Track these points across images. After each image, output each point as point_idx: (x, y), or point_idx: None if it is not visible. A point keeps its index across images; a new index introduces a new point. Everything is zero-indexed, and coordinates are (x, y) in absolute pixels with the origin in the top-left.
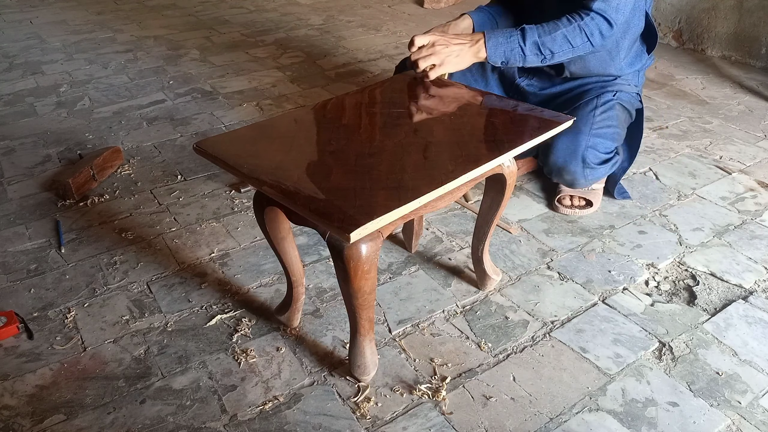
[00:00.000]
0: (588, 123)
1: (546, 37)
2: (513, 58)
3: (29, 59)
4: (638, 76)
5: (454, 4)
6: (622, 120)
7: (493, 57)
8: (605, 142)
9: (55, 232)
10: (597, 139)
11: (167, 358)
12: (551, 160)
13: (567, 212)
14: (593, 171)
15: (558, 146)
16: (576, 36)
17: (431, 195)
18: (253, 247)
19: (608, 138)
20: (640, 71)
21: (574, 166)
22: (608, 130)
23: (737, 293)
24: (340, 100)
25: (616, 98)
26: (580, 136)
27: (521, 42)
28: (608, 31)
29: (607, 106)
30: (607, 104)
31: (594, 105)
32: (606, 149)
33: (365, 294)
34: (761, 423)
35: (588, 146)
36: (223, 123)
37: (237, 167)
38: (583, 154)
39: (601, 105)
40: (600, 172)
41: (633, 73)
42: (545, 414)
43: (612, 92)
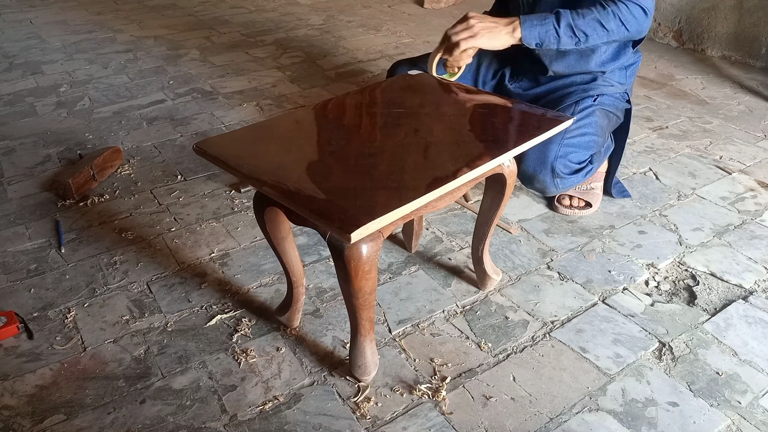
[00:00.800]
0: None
1: (579, 20)
2: (548, 40)
3: (29, 59)
4: (625, 74)
5: (454, 4)
6: (602, 126)
7: (528, 38)
8: (578, 151)
9: (55, 232)
10: (569, 148)
11: (167, 358)
12: (521, 169)
13: (566, 212)
14: (563, 180)
15: (528, 154)
16: (609, 20)
17: (432, 195)
18: (253, 247)
19: (581, 147)
20: (628, 69)
21: (543, 175)
22: (582, 139)
23: (737, 293)
24: (340, 100)
25: (597, 103)
26: (550, 146)
27: (555, 24)
28: (643, 18)
29: (585, 112)
30: (586, 110)
31: (570, 112)
32: (578, 159)
33: (366, 294)
34: (761, 423)
35: (558, 156)
36: (223, 123)
37: (237, 168)
38: (553, 164)
39: (579, 111)
40: (571, 181)
41: (618, 70)
42: (545, 414)
43: (592, 96)
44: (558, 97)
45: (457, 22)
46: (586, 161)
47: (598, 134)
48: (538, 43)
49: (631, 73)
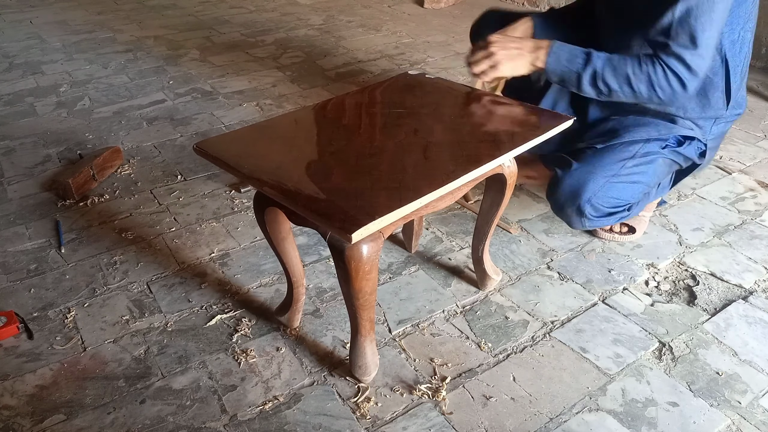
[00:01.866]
0: (609, 171)
1: (608, 71)
2: (569, 81)
3: (29, 59)
4: (711, 125)
5: (453, 4)
6: (659, 175)
7: (550, 73)
8: (618, 198)
9: (55, 232)
10: (610, 192)
11: (167, 358)
12: (552, 197)
13: (606, 237)
14: (591, 222)
15: (563, 184)
16: (641, 82)
17: (432, 195)
18: (253, 247)
19: (624, 195)
20: (715, 122)
21: (570, 210)
22: (631, 187)
23: (737, 293)
24: (341, 100)
25: (665, 152)
26: (590, 183)
27: (581, 67)
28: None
29: (647, 158)
30: (649, 156)
31: (632, 153)
32: (614, 204)
33: (366, 294)
34: (761, 423)
35: (593, 197)
36: (223, 123)
37: (237, 168)
38: (582, 205)
39: (641, 155)
40: (600, 222)
41: (704, 120)
42: (545, 414)
43: (663, 141)
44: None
45: (477, 47)
46: (623, 208)
47: (650, 185)
48: (558, 82)
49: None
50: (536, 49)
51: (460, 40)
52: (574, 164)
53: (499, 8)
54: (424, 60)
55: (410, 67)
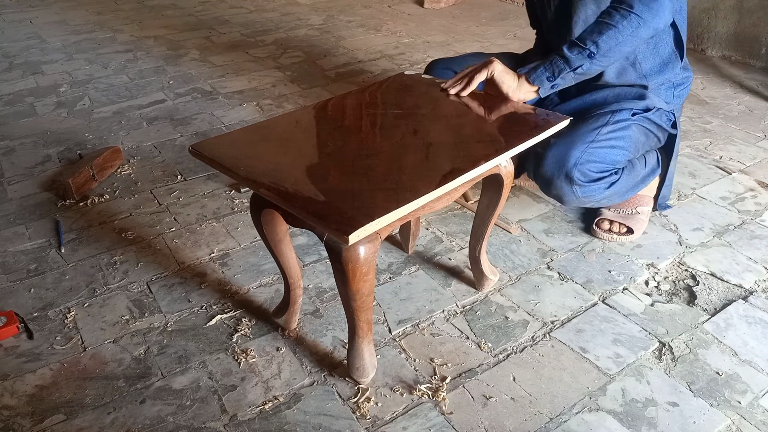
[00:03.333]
0: (587, 138)
1: (584, 33)
2: (557, 71)
3: (29, 59)
4: (672, 94)
5: (454, 4)
6: (636, 142)
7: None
8: (600, 163)
9: (55, 232)
10: (592, 157)
11: (167, 358)
12: (539, 172)
13: (604, 237)
14: (583, 188)
15: (547, 157)
16: (614, 15)
17: (430, 196)
18: (253, 247)
19: (607, 159)
20: (676, 88)
21: (559, 181)
22: (610, 151)
23: (737, 293)
24: (338, 100)
25: (636, 118)
26: (572, 150)
27: (560, 51)
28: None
29: (620, 125)
30: (621, 122)
31: (605, 121)
32: (600, 169)
33: (364, 296)
34: (761, 423)
35: (578, 162)
36: (223, 123)
37: (233, 169)
38: (570, 169)
39: (613, 123)
40: (592, 189)
41: (665, 89)
42: (545, 414)
43: (630, 110)
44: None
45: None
46: (610, 172)
47: (630, 150)
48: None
49: (679, 94)
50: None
51: (460, 40)
52: (552, 140)
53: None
54: (424, 60)
55: (410, 67)
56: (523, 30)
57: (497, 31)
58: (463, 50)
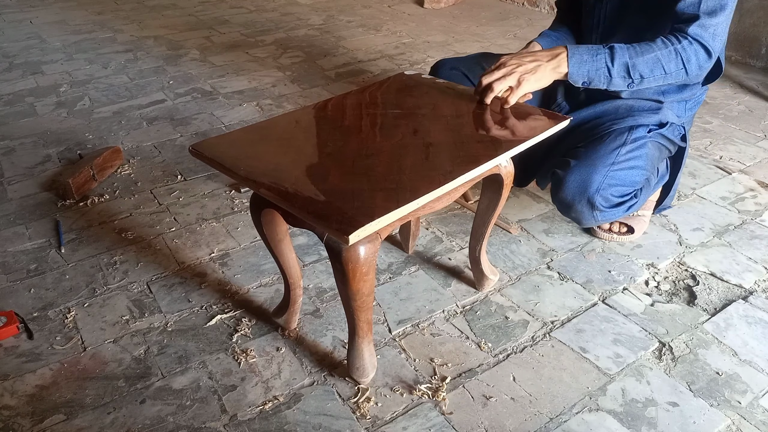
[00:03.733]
0: (607, 161)
1: (638, 58)
2: (597, 79)
3: (29, 59)
4: (684, 107)
5: (454, 4)
6: (653, 159)
7: (575, 75)
8: (623, 185)
9: (55, 232)
10: (614, 181)
11: (167, 358)
12: (559, 196)
13: (605, 237)
14: (603, 214)
15: (568, 182)
16: (671, 61)
17: (430, 196)
18: (253, 247)
19: (627, 182)
20: (687, 102)
21: (580, 206)
22: (630, 173)
23: (737, 293)
24: (338, 100)
25: (651, 136)
26: (594, 175)
27: (609, 61)
28: (705, 60)
29: (637, 143)
30: (638, 141)
31: (622, 140)
32: (621, 193)
33: (364, 296)
34: (761, 423)
35: (600, 188)
36: (223, 123)
37: (233, 169)
38: (592, 196)
39: (631, 142)
40: (611, 214)
41: (677, 103)
42: (545, 414)
43: (646, 126)
44: (611, 120)
45: (492, 68)
46: (630, 195)
47: (648, 169)
48: (585, 82)
49: (690, 107)
50: (554, 56)
51: (460, 40)
52: (572, 162)
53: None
54: (424, 60)
55: (410, 67)
56: (523, 30)
57: (497, 31)
58: (463, 50)
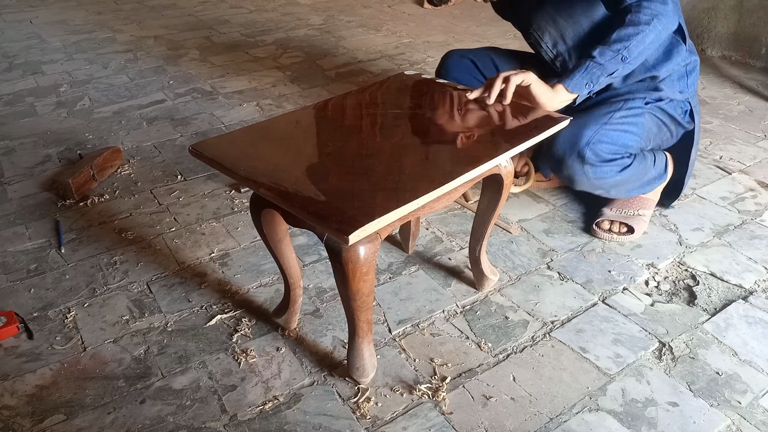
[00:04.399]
0: (600, 120)
1: (609, 38)
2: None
3: (29, 59)
4: (686, 82)
5: (453, 4)
6: (648, 130)
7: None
8: (613, 144)
9: (55, 232)
10: (604, 138)
11: (167, 358)
12: (550, 152)
13: (605, 237)
14: (594, 169)
15: (559, 137)
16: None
17: (430, 196)
18: (253, 247)
19: (619, 142)
20: (689, 76)
21: (571, 160)
22: (622, 135)
23: (737, 293)
24: (338, 100)
25: (648, 108)
26: (584, 129)
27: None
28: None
29: (632, 111)
30: (634, 109)
31: (618, 107)
32: (612, 151)
33: (363, 296)
34: (761, 423)
35: (591, 141)
36: (223, 123)
37: (233, 169)
38: (582, 148)
39: (626, 108)
40: (604, 171)
41: (677, 79)
42: (545, 414)
43: (643, 98)
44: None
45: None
46: (622, 155)
47: (641, 137)
48: (590, 89)
49: (692, 81)
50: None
51: (460, 40)
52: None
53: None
54: (424, 60)
55: (410, 67)
56: None
57: (497, 31)
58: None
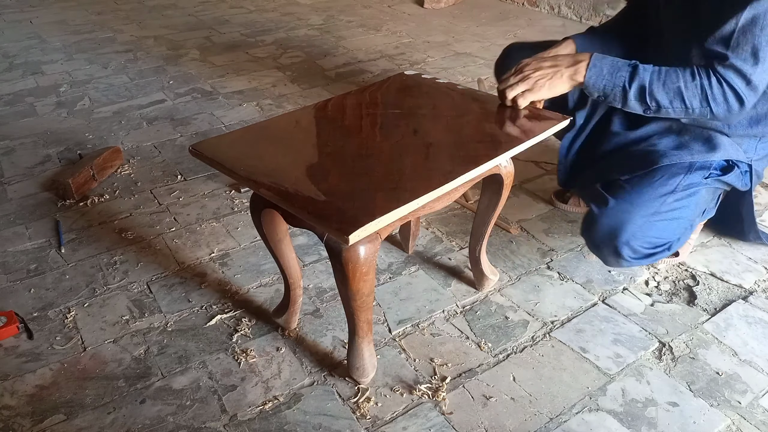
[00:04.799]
0: (649, 210)
1: (657, 84)
2: (612, 96)
3: (29, 59)
4: (755, 146)
5: (454, 4)
6: (701, 205)
7: (591, 87)
8: (657, 237)
9: (55, 232)
10: (650, 232)
11: (167, 358)
12: (587, 235)
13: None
14: (628, 263)
15: (600, 224)
16: (695, 97)
17: (429, 196)
18: (253, 247)
19: (665, 233)
20: (760, 140)
21: (606, 252)
22: (671, 224)
23: (737, 293)
24: (338, 100)
25: (707, 182)
26: (628, 225)
27: (627, 81)
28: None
29: (689, 191)
30: (691, 188)
31: (674, 186)
32: (654, 244)
33: (363, 296)
34: (761, 423)
35: (631, 239)
36: (223, 123)
37: (234, 169)
38: (620, 247)
39: (683, 189)
40: (639, 264)
41: (749, 138)
42: (545, 414)
43: (706, 171)
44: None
45: (509, 73)
46: (663, 247)
47: (691, 219)
48: (601, 97)
49: (765, 145)
50: (574, 63)
51: (460, 40)
52: (610, 201)
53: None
54: (424, 60)
55: (410, 67)
56: (523, 30)
57: (497, 31)
58: (464, 50)
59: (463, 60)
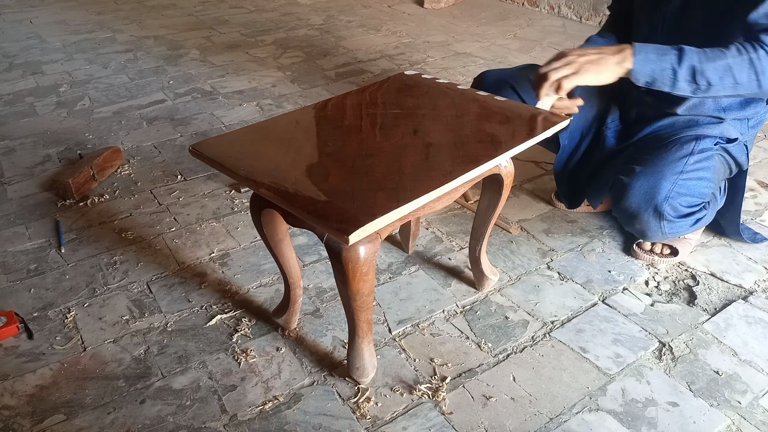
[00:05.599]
0: (676, 169)
1: (707, 63)
2: (661, 80)
3: (29, 59)
4: (747, 125)
5: (454, 4)
6: (719, 173)
7: (639, 73)
8: (691, 196)
9: (55, 232)
10: (682, 190)
11: (167, 358)
12: (623, 204)
13: (645, 259)
14: (671, 225)
15: (634, 189)
16: (743, 70)
17: (430, 196)
18: (253, 247)
19: (695, 192)
20: (751, 123)
21: (647, 215)
22: (699, 183)
23: (737, 293)
24: (338, 100)
25: (716, 149)
26: (662, 182)
27: (676, 63)
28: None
29: (704, 154)
30: (705, 152)
31: (690, 149)
32: (690, 203)
33: (364, 296)
34: (761, 423)
35: (669, 196)
36: (223, 123)
37: (233, 169)
38: (660, 204)
39: (698, 152)
40: (680, 226)
41: (741, 121)
42: (545, 414)
43: (713, 138)
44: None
45: (551, 59)
46: (700, 206)
47: (714, 182)
48: (649, 82)
49: (753, 125)
50: (619, 50)
51: (460, 40)
52: (636, 168)
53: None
54: (424, 60)
55: (410, 67)
56: (523, 30)
57: (497, 31)
58: (463, 50)
59: (463, 60)
